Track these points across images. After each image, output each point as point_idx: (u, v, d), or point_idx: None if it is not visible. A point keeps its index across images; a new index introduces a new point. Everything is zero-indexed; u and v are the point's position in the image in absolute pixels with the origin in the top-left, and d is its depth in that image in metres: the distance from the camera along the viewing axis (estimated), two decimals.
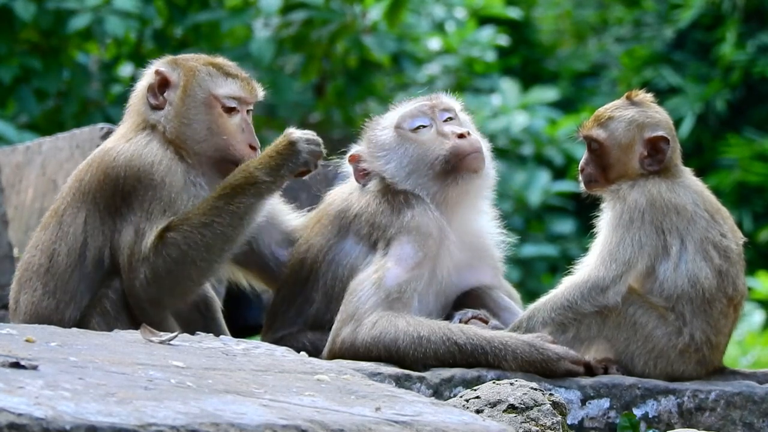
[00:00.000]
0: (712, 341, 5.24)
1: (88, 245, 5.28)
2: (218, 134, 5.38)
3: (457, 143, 5.36)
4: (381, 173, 5.39)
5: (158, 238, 5.15)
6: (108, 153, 5.33)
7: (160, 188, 5.22)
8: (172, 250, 5.16)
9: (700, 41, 16.98)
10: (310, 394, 3.86)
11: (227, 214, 5.19)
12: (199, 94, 5.40)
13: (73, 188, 5.36)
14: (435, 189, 5.36)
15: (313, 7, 12.82)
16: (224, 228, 5.19)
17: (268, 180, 5.24)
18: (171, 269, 5.17)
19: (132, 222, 5.21)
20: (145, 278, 5.16)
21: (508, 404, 4.46)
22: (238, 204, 5.20)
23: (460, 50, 15.96)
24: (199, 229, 5.17)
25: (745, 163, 15.94)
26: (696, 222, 5.26)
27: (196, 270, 5.20)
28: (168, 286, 5.18)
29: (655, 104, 5.46)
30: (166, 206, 5.21)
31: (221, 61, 5.54)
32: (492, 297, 5.48)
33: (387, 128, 5.46)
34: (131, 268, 5.19)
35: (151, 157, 5.26)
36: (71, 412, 3.28)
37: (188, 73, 5.42)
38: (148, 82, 5.46)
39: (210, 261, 5.21)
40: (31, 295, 5.32)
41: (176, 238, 5.16)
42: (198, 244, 5.17)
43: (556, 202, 15.72)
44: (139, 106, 5.46)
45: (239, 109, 5.44)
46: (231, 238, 5.22)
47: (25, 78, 11.97)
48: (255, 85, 5.53)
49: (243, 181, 5.22)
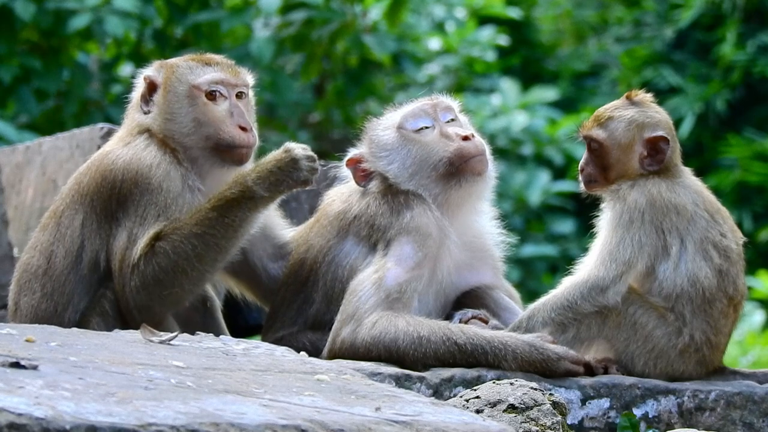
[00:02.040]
0: (712, 341, 5.24)
1: (85, 248, 5.27)
2: (206, 123, 5.35)
3: (461, 145, 5.36)
4: (383, 173, 5.39)
5: (148, 246, 5.14)
6: (107, 156, 5.33)
7: (156, 193, 5.21)
8: (161, 259, 5.14)
9: (700, 41, 16.98)
10: (310, 394, 3.86)
11: (221, 225, 5.16)
12: (179, 87, 5.39)
13: (72, 190, 5.36)
14: (437, 191, 5.36)
15: (313, 6, 12.81)
16: (217, 240, 5.16)
17: (266, 195, 5.21)
18: (160, 278, 5.15)
19: (126, 227, 5.20)
20: (135, 285, 5.15)
21: (508, 404, 4.46)
22: (233, 217, 5.17)
23: (460, 50, 15.96)
24: (190, 239, 5.14)
25: (745, 163, 15.93)
26: (696, 222, 5.26)
27: (186, 279, 5.18)
28: (157, 294, 5.17)
29: (655, 104, 5.46)
30: (160, 211, 5.19)
31: (206, 55, 5.51)
32: (492, 297, 5.48)
33: (389, 129, 5.46)
34: (122, 274, 5.18)
35: (149, 160, 5.25)
36: (71, 412, 3.28)
37: (168, 69, 5.41)
38: (140, 91, 5.47)
39: (201, 271, 5.19)
40: (30, 297, 5.32)
41: (165, 247, 5.14)
42: (188, 254, 5.14)
43: (556, 202, 15.72)
44: (133, 114, 5.48)
45: (225, 94, 5.39)
46: (224, 248, 5.20)
47: (25, 78, 11.96)
48: (239, 69, 5.47)
49: (239, 194, 5.18)
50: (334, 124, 14.73)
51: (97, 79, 12.85)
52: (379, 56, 13.54)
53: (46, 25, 11.85)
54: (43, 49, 12.33)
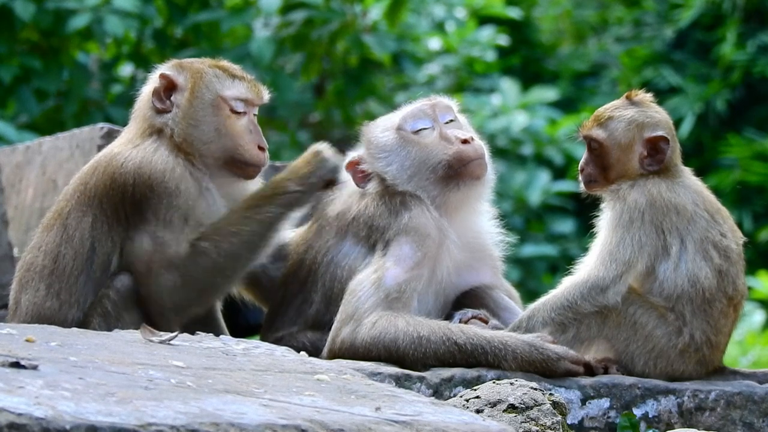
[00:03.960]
0: (712, 341, 5.24)
1: (96, 250, 5.28)
2: (226, 135, 5.39)
3: (461, 149, 5.36)
4: (382, 175, 5.39)
5: (191, 247, 5.19)
6: (115, 158, 5.31)
7: (175, 196, 5.23)
8: (203, 259, 5.20)
9: (700, 41, 16.98)
10: (310, 394, 3.86)
11: (256, 223, 5.26)
12: (206, 95, 5.41)
13: (77, 191, 5.34)
14: (435, 192, 5.35)
15: (313, 6, 12.82)
16: (252, 237, 5.25)
17: (298, 189, 5.32)
18: (200, 277, 5.22)
19: (146, 231, 5.21)
20: (173, 285, 5.18)
21: (508, 404, 4.46)
22: (266, 213, 5.27)
23: (460, 50, 15.97)
24: (230, 238, 5.23)
25: (745, 163, 15.94)
26: (696, 222, 5.26)
27: (222, 279, 5.26)
28: (195, 294, 5.24)
29: (654, 104, 5.46)
30: (186, 214, 5.23)
31: (226, 63, 5.56)
32: (492, 297, 5.48)
33: (388, 130, 5.45)
34: (154, 276, 5.19)
35: (162, 165, 5.26)
36: (71, 411, 3.28)
37: (195, 75, 5.42)
38: (153, 87, 5.45)
39: (235, 270, 5.29)
40: (33, 295, 5.31)
41: (208, 247, 5.20)
42: (228, 254, 5.22)
43: (556, 202, 15.72)
44: (144, 111, 5.45)
45: (246, 111, 5.46)
46: (259, 247, 5.29)
47: (25, 78, 11.96)
48: (261, 87, 5.56)
49: (272, 192, 5.30)
50: (334, 124, 14.73)
51: (97, 79, 12.85)
52: (379, 56, 13.54)
53: (46, 24, 11.85)
54: (43, 49, 12.34)
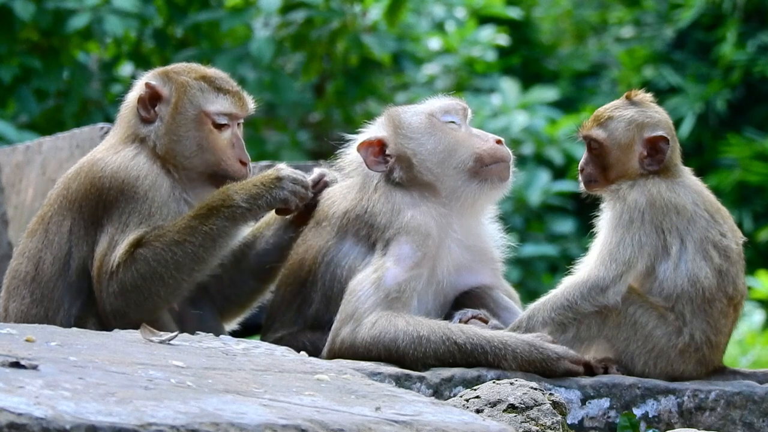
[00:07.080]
0: (712, 341, 5.24)
1: (72, 254, 5.26)
2: (208, 150, 5.36)
3: (496, 147, 5.40)
4: (410, 157, 5.35)
5: (128, 252, 5.13)
6: (96, 163, 5.31)
7: (141, 201, 5.20)
8: (140, 266, 5.14)
9: (700, 41, 16.98)
10: (310, 394, 3.86)
11: (200, 234, 5.17)
12: (190, 110, 5.38)
13: (60, 196, 5.34)
14: (457, 185, 5.34)
15: (313, 6, 12.82)
16: (196, 248, 5.17)
17: (244, 206, 5.22)
18: (138, 284, 5.14)
19: (108, 233, 5.19)
20: (112, 291, 5.14)
21: (508, 404, 4.47)
22: (211, 225, 5.17)
23: (460, 50, 15.97)
24: (171, 246, 5.15)
25: (745, 162, 15.93)
26: (696, 222, 5.26)
27: (164, 287, 5.17)
28: (134, 301, 5.16)
29: (654, 104, 5.46)
30: (143, 219, 5.18)
31: (213, 73, 5.48)
32: (492, 297, 5.48)
33: (419, 114, 5.45)
34: (100, 279, 5.17)
35: (137, 171, 5.24)
36: (71, 411, 3.28)
37: (180, 88, 5.38)
38: (138, 94, 5.42)
39: (179, 280, 5.18)
40: (19, 303, 5.31)
41: (146, 254, 5.14)
42: (168, 262, 5.14)
43: (556, 201, 15.72)
44: (129, 118, 5.43)
45: (230, 124, 5.42)
46: (202, 259, 5.19)
47: (25, 78, 11.96)
48: (246, 98, 5.49)
49: (219, 202, 5.21)
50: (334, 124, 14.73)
51: (97, 78, 12.85)
52: (379, 56, 13.54)
53: (46, 24, 11.85)
54: (43, 48, 12.34)
